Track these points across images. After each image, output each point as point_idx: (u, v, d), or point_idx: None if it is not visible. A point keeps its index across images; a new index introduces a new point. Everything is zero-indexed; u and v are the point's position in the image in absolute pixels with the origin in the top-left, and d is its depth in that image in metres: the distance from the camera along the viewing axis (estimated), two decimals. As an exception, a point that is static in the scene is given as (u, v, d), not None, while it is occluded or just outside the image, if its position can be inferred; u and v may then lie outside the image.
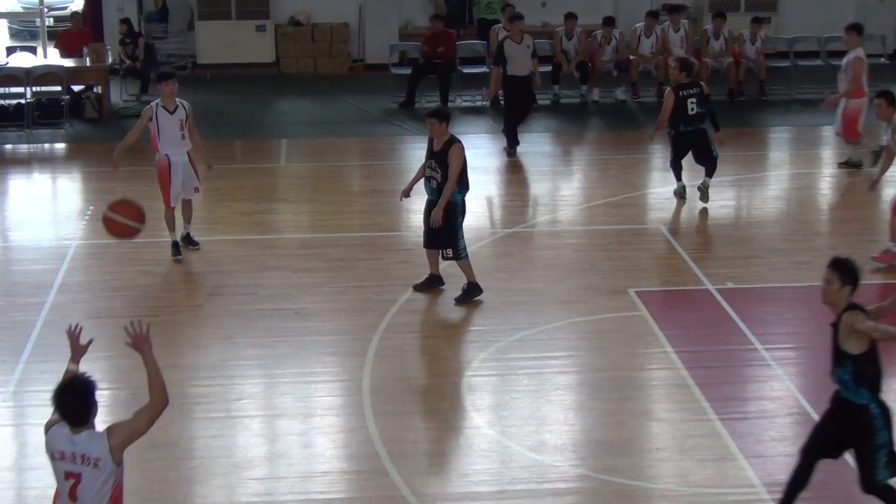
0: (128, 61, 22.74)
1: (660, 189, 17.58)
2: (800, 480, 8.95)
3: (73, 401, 6.79)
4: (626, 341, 12.43)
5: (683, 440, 10.36)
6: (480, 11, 24.41)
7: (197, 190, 14.56)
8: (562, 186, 18.36)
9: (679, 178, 16.62)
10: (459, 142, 13.04)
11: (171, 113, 14.14)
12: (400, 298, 13.40)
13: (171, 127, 14.16)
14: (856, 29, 18.56)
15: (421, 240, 13.42)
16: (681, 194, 16.60)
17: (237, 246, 14.88)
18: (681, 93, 16.09)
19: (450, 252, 13.16)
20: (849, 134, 18.36)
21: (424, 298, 13.40)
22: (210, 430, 10.75)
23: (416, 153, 19.81)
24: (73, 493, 6.81)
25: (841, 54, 23.45)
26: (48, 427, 6.98)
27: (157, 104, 14.20)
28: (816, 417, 10.76)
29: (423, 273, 13.81)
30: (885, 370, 8.55)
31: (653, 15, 22.75)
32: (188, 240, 14.70)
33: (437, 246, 13.27)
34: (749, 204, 17.10)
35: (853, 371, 8.42)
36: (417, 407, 11.14)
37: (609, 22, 22.81)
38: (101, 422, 7.01)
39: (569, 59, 22.42)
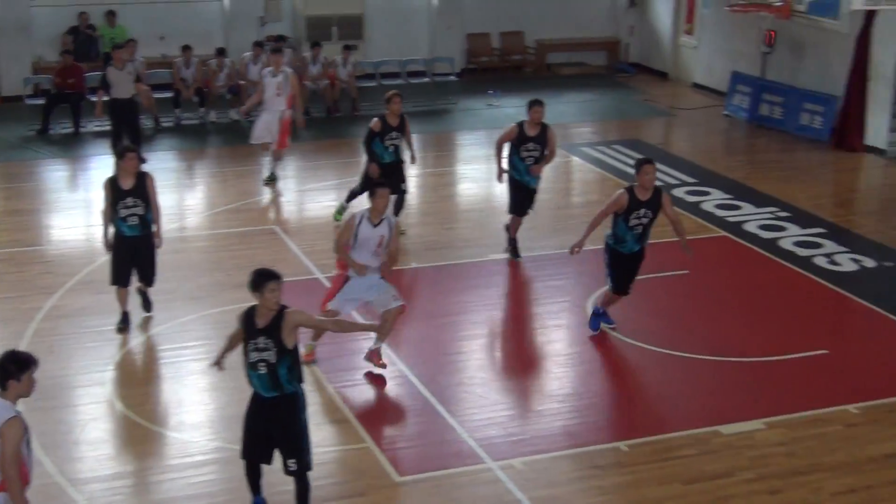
0: None
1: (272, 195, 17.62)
2: (252, 481, 8.86)
3: None
4: (250, 328, 12.37)
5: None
6: (105, 46, 23.67)
7: None
8: (187, 197, 18.01)
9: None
10: (150, 173, 12.26)
11: None
12: (45, 306, 12.87)
13: None
14: (280, 52, 18.24)
15: (58, 250, 12.82)
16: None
17: None
18: None
19: (154, 279, 12.48)
20: (283, 144, 17.81)
21: (66, 305, 12.91)
22: None
23: (52, 175, 19.04)
24: None
25: (418, 74, 24.33)
26: None
27: None
28: (414, 379, 11.13)
29: (65, 282, 13.36)
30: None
31: (259, 45, 22.72)
32: None
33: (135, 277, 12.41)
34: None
35: (290, 364, 8.37)
36: (65, 402, 10.72)
37: (221, 52, 22.67)
38: None
39: (187, 86, 22.12)
